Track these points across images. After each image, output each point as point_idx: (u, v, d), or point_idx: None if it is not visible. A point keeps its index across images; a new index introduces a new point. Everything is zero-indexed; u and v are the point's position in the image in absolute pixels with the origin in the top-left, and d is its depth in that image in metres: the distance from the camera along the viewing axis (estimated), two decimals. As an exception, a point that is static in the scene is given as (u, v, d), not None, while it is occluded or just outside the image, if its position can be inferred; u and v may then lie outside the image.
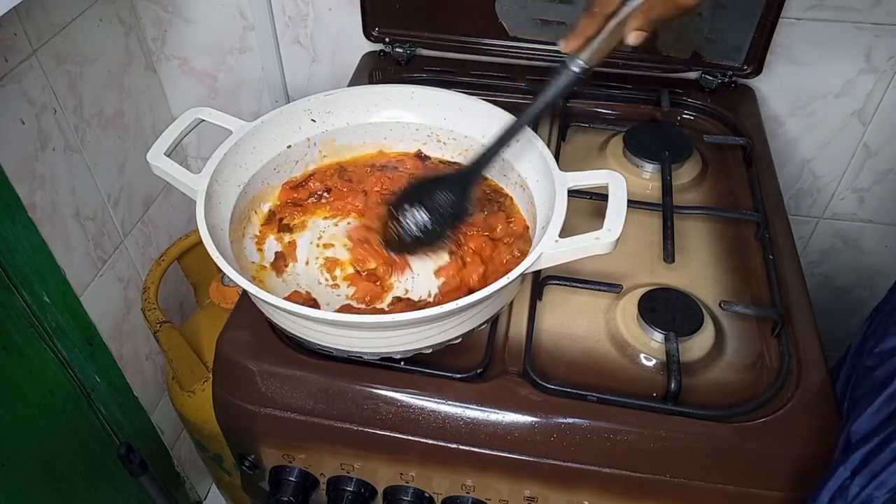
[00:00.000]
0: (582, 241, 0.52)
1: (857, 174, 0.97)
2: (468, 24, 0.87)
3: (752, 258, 0.68)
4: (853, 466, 0.48)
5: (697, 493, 0.54)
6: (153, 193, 1.08)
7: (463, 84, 0.85)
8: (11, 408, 0.81)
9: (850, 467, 0.48)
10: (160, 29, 1.01)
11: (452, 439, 0.56)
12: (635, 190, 0.73)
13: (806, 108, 0.92)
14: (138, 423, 1.06)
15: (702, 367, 0.59)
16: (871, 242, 1.04)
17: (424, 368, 0.58)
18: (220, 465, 1.04)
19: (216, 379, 0.61)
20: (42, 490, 0.87)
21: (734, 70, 0.86)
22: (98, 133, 0.93)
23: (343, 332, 0.53)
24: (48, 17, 0.81)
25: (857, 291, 1.11)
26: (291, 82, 1.03)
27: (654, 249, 0.68)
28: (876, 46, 0.84)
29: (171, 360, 0.94)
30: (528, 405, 0.55)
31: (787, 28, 0.84)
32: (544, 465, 0.55)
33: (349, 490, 0.62)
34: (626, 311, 0.62)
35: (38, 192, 0.82)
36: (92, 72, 0.90)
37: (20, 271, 0.79)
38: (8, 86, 0.77)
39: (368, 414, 0.57)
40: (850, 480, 0.48)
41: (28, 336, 0.83)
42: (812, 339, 0.60)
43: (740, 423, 0.54)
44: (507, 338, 0.61)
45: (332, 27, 0.96)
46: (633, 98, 0.86)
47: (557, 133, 0.81)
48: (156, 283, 0.98)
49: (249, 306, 0.62)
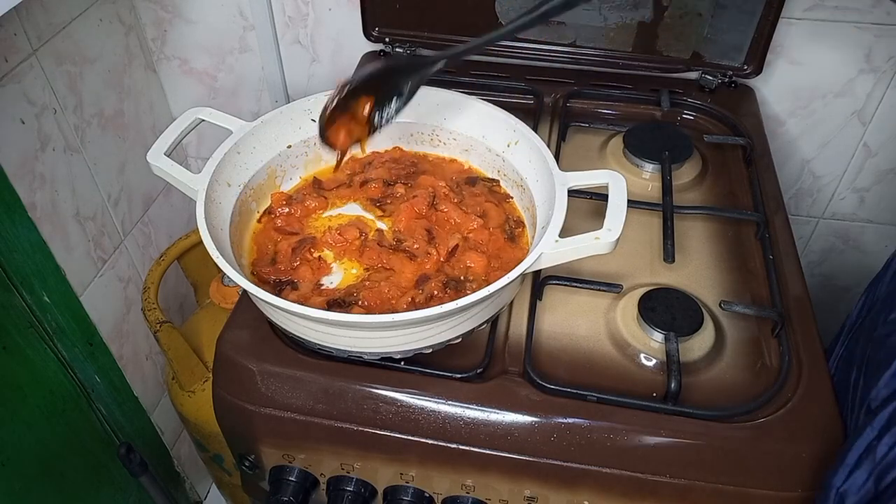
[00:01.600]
0: (582, 241, 0.52)
1: (857, 174, 0.97)
2: (468, 24, 0.87)
3: (752, 258, 0.68)
4: (879, 427, 0.47)
5: (697, 493, 0.54)
6: (153, 193, 1.08)
7: (463, 84, 0.85)
8: (11, 408, 0.81)
9: (876, 427, 0.48)
10: (160, 29, 1.01)
11: (452, 439, 0.56)
12: (635, 190, 0.73)
13: (806, 108, 0.92)
14: (138, 423, 1.06)
15: (702, 367, 0.59)
16: (871, 242, 1.04)
17: (424, 368, 0.58)
18: (220, 465, 1.04)
19: (216, 379, 0.61)
20: (42, 490, 0.87)
21: (734, 70, 0.86)
22: (98, 133, 0.93)
23: (343, 332, 0.53)
24: (48, 17, 0.81)
25: (857, 291, 1.10)
26: (291, 82, 1.03)
27: (654, 249, 0.68)
28: (876, 46, 0.84)
29: (171, 360, 0.94)
30: (528, 405, 0.55)
31: (787, 28, 0.84)
32: (544, 465, 0.55)
33: (349, 490, 0.62)
34: (626, 311, 0.62)
35: (38, 192, 0.82)
36: (92, 72, 0.90)
37: (20, 271, 0.80)
38: (8, 86, 0.77)
39: (368, 414, 0.57)
40: (876, 441, 0.47)
41: (28, 336, 0.83)
42: (812, 339, 0.60)
43: (740, 423, 0.54)
44: (507, 338, 0.61)
45: (332, 27, 0.96)
46: (633, 98, 0.86)
47: (557, 133, 0.81)
48: (156, 283, 0.98)
49: (249, 306, 0.62)
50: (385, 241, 0.61)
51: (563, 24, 0.85)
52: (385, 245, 0.60)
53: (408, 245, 0.59)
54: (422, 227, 0.60)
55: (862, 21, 0.83)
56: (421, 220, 0.61)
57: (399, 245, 0.60)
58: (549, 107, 0.85)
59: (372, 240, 0.61)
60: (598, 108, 0.87)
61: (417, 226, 0.61)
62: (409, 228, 0.61)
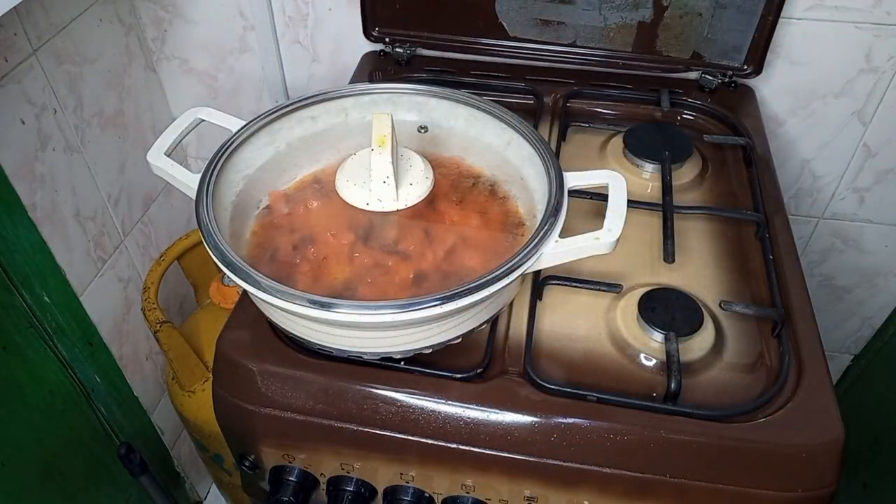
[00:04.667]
0: (582, 241, 0.52)
1: (857, 174, 0.97)
2: (468, 24, 0.87)
3: (752, 258, 0.68)
4: None
5: (697, 493, 0.54)
6: (153, 193, 1.08)
7: (463, 84, 0.85)
8: (11, 408, 0.81)
9: None
10: (160, 29, 1.01)
11: (452, 439, 0.56)
12: (635, 190, 0.73)
13: (806, 108, 0.92)
14: (138, 423, 1.06)
15: (702, 367, 0.59)
16: (871, 242, 1.04)
17: (424, 368, 0.58)
18: (220, 465, 1.04)
19: (216, 379, 0.61)
20: (42, 490, 0.87)
21: (734, 70, 0.86)
22: (98, 133, 0.93)
23: (343, 332, 0.53)
24: (48, 17, 0.81)
25: (857, 291, 1.11)
26: (291, 82, 1.03)
27: (654, 249, 0.68)
28: (876, 46, 0.84)
29: (171, 360, 0.94)
30: (528, 405, 0.55)
31: (787, 28, 0.84)
32: (544, 465, 0.55)
33: (349, 490, 0.62)
34: (626, 311, 0.62)
35: (38, 192, 0.82)
36: (92, 72, 0.90)
37: (20, 271, 0.79)
38: (8, 86, 0.77)
39: (368, 414, 0.57)
40: None
41: (28, 336, 0.83)
42: (812, 339, 0.60)
43: (740, 423, 0.54)
44: (507, 338, 0.61)
45: (332, 27, 0.96)
46: (633, 98, 0.86)
47: (557, 133, 0.81)
48: (156, 283, 0.98)
49: (249, 306, 0.62)
50: (383, 240, 0.61)
51: (563, 24, 0.85)
52: (383, 245, 0.60)
53: (403, 246, 0.59)
54: (419, 227, 0.60)
55: (862, 21, 0.83)
56: (419, 219, 0.61)
57: (395, 246, 0.60)
58: (549, 107, 0.85)
59: (370, 239, 0.61)
60: (598, 108, 0.87)
61: (415, 225, 0.61)
62: (406, 228, 0.61)
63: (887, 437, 1.06)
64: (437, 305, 0.48)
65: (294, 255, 0.60)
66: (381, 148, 0.56)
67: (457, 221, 0.61)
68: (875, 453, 1.09)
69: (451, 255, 0.59)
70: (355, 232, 0.62)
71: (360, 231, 0.62)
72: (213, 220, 0.56)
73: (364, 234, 0.62)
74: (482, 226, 0.61)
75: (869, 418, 1.10)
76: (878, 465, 1.09)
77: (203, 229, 0.54)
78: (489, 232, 0.61)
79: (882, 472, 1.08)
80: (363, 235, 0.62)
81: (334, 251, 0.61)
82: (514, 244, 0.60)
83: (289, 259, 0.61)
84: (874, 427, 1.09)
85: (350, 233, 0.62)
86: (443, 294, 0.49)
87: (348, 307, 0.49)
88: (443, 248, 0.59)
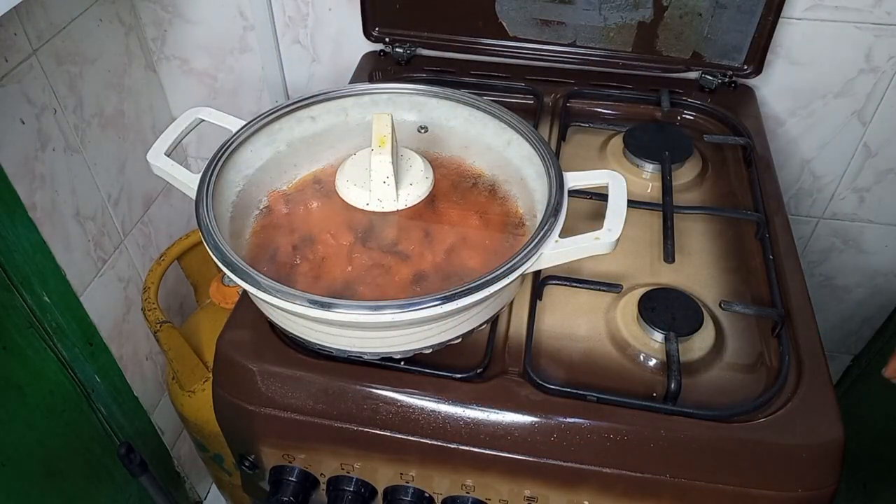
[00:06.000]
0: (582, 241, 0.52)
1: (857, 174, 0.97)
2: (468, 24, 0.87)
3: (752, 258, 0.68)
4: None
5: (697, 493, 0.54)
6: (153, 193, 1.08)
7: (463, 84, 0.85)
8: (11, 408, 0.81)
9: None
10: (160, 29, 1.01)
11: (452, 439, 0.56)
12: (635, 190, 0.73)
13: (806, 108, 0.92)
14: (138, 423, 1.06)
15: (702, 367, 0.59)
16: (871, 242, 1.04)
17: (424, 368, 0.58)
18: (220, 465, 1.04)
19: (216, 379, 0.61)
20: (42, 490, 0.87)
21: (734, 70, 0.86)
22: (98, 133, 0.93)
23: (343, 332, 0.53)
24: (48, 17, 0.81)
25: (858, 291, 1.11)
26: (291, 82, 1.03)
27: (654, 249, 0.68)
28: (876, 46, 0.84)
29: (171, 360, 0.94)
30: (528, 405, 0.55)
31: (787, 28, 0.84)
32: (544, 465, 0.55)
33: (349, 490, 0.62)
34: (626, 311, 0.62)
35: (38, 192, 0.82)
36: (92, 72, 0.90)
37: (20, 271, 0.80)
38: (8, 86, 0.77)
39: (368, 414, 0.57)
40: None
41: (28, 336, 0.83)
42: (812, 339, 0.60)
43: (740, 423, 0.54)
44: (507, 338, 0.61)
45: (332, 27, 0.96)
46: (633, 98, 0.86)
47: (557, 133, 0.81)
48: (156, 283, 0.98)
49: (249, 306, 0.62)
50: (383, 241, 0.61)
51: (563, 24, 0.85)
52: (383, 245, 0.60)
53: (403, 247, 0.59)
54: (419, 227, 0.60)
55: (862, 21, 0.83)
56: (419, 219, 0.61)
57: (395, 247, 0.60)
58: (549, 107, 0.85)
59: (370, 240, 0.61)
60: (598, 108, 0.87)
61: (415, 225, 0.61)
62: (406, 228, 0.61)
63: (887, 437, 1.06)
64: (437, 305, 0.48)
65: (294, 255, 0.60)
66: (381, 148, 0.56)
67: (457, 221, 0.61)
68: (875, 453, 1.09)
69: (450, 256, 0.59)
70: (355, 232, 0.62)
71: (360, 231, 0.62)
72: (213, 220, 0.56)
73: (364, 234, 0.62)
74: (482, 226, 0.61)
75: (869, 418, 1.10)
76: (878, 465, 1.09)
77: (203, 229, 0.54)
78: (489, 232, 0.61)
79: (882, 472, 1.08)
80: (363, 236, 0.62)
81: (334, 251, 0.61)
82: (514, 244, 0.60)
83: (289, 259, 0.61)
84: (874, 427, 1.09)
85: (350, 233, 0.62)
86: (443, 294, 0.49)
87: (348, 307, 0.49)
88: (443, 248, 0.59)
